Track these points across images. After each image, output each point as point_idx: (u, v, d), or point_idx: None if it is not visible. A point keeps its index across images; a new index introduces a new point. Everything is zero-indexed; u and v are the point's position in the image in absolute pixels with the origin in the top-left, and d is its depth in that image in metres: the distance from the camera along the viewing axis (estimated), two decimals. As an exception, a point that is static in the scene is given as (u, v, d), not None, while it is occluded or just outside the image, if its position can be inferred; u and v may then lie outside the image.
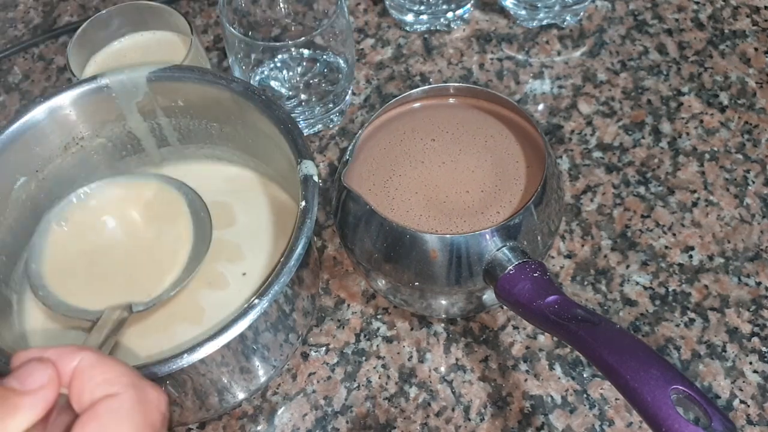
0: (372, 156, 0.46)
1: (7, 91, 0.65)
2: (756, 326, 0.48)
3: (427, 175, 0.45)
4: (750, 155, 0.55)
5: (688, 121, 0.57)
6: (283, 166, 0.45)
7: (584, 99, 0.59)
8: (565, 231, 0.53)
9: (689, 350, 0.47)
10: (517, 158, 0.45)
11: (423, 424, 0.46)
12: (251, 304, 0.37)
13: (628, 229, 0.52)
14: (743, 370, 0.46)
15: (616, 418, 0.45)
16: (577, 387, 0.46)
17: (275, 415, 0.47)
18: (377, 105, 0.60)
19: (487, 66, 0.62)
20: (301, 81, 0.57)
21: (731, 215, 0.53)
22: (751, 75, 0.60)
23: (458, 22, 0.64)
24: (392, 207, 0.44)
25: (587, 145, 0.57)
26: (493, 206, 0.43)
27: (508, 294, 0.39)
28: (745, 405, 0.45)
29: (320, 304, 0.51)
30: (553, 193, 0.43)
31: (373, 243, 0.43)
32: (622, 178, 0.55)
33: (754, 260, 0.50)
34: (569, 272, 0.51)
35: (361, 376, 0.48)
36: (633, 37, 0.63)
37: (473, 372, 0.48)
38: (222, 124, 0.49)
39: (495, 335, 0.49)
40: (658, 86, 0.60)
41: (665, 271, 0.51)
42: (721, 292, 0.49)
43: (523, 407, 0.46)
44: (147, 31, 0.57)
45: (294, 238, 0.39)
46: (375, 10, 0.66)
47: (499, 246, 0.41)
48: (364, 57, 0.63)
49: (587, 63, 0.61)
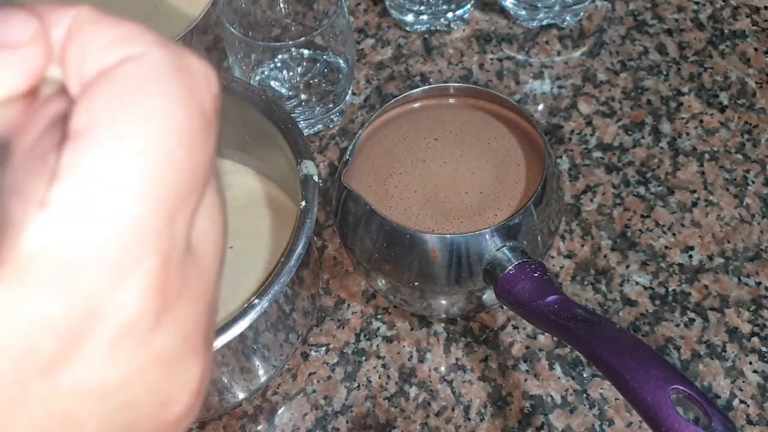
0: (373, 154, 0.46)
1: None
2: (756, 326, 0.48)
3: (427, 175, 0.45)
4: (750, 155, 0.55)
5: (688, 121, 0.57)
6: (283, 166, 0.45)
7: (584, 99, 0.59)
8: (565, 231, 0.53)
9: (689, 350, 0.47)
10: (518, 161, 0.45)
11: (423, 424, 0.46)
12: (251, 303, 0.37)
13: (628, 229, 0.52)
14: (743, 370, 0.46)
15: (616, 418, 0.45)
16: (577, 387, 0.46)
17: (275, 415, 0.47)
18: (377, 105, 0.60)
19: (487, 66, 0.62)
20: (301, 81, 0.57)
21: (731, 215, 0.53)
22: (751, 75, 0.60)
23: (458, 22, 0.64)
24: (390, 205, 0.44)
25: (587, 145, 0.57)
26: (491, 208, 0.43)
27: (508, 294, 0.39)
28: (745, 405, 0.45)
29: (320, 304, 0.51)
30: (553, 193, 0.43)
31: (373, 243, 0.43)
32: (622, 178, 0.55)
33: (754, 260, 0.51)
34: (569, 272, 0.51)
35: (361, 376, 0.48)
36: (633, 37, 0.63)
37: (473, 372, 0.48)
38: (222, 124, 0.49)
39: (495, 335, 0.49)
40: (658, 86, 0.60)
41: (665, 271, 0.51)
42: (721, 292, 0.49)
43: (523, 407, 0.46)
44: (147, 31, 0.57)
45: (294, 238, 0.39)
46: (375, 10, 0.66)
47: (499, 246, 0.41)
48: (364, 57, 0.63)
49: (587, 63, 0.61)
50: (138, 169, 0.15)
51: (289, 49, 0.55)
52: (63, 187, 0.15)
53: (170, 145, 0.16)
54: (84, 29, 0.17)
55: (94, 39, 0.16)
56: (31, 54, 0.16)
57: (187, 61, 0.17)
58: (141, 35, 0.17)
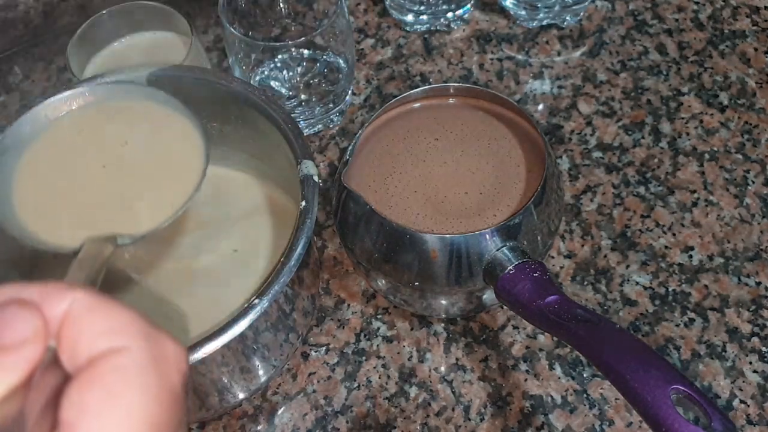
0: (374, 153, 0.46)
1: (8, 91, 0.65)
2: (756, 326, 0.48)
3: (427, 174, 0.45)
4: (750, 155, 0.55)
5: (688, 121, 0.57)
6: (283, 166, 0.45)
7: (584, 99, 0.59)
8: (565, 231, 0.53)
9: (689, 350, 0.47)
10: (518, 162, 0.45)
11: (423, 424, 0.46)
12: (251, 303, 0.37)
13: (628, 229, 0.52)
14: (743, 370, 0.46)
15: (616, 418, 0.45)
16: (577, 387, 0.46)
17: (275, 415, 0.47)
18: (377, 105, 0.60)
19: (487, 66, 0.62)
20: (301, 81, 0.57)
21: (731, 215, 0.53)
22: (751, 75, 0.60)
23: (458, 22, 0.64)
24: (390, 204, 0.44)
25: (587, 145, 0.57)
26: (490, 209, 0.43)
27: (508, 294, 0.39)
28: (745, 405, 0.45)
29: (320, 304, 0.51)
30: (553, 193, 0.43)
31: (373, 243, 0.43)
32: (622, 178, 0.55)
33: (754, 260, 0.51)
34: (569, 272, 0.51)
35: (361, 375, 0.48)
36: (633, 37, 0.63)
37: (473, 372, 0.48)
38: (222, 124, 0.49)
39: (495, 335, 0.49)
40: (658, 86, 0.60)
41: (665, 271, 0.51)
42: (721, 292, 0.49)
43: (523, 407, 0.46)
44: (147, 31, 0.57)
45: (294, 238, 0.39)
46: (375, 10, 0.66)
47: (499, 246, 0.41)
48: (364, 57, 0.63)
49: (587, 63, 0.61)
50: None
51: (289, 49, 0.55)
52: None
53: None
54: (79, 318, 0.20)
55: (88, 326, 0.20)
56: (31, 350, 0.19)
57: (163, 349, 0.21)
58: (128, 327, 0.20)
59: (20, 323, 0.19)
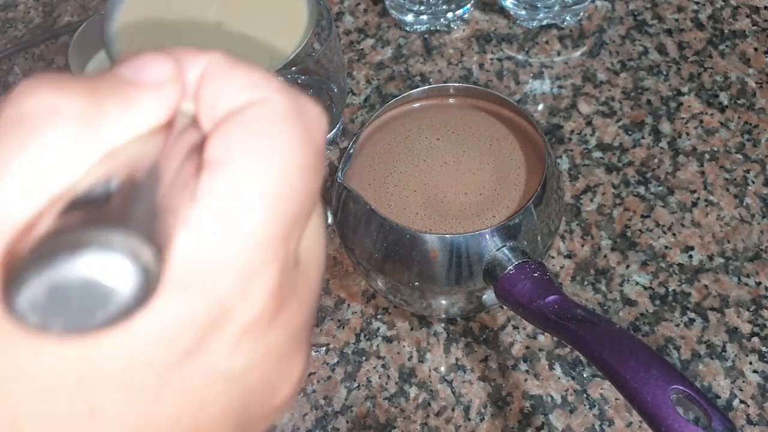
0: (374, 153, 0.46)
1: (8, 91, 0.65)
2: (756, 326, 0.48)
3: (427, 174, 0.45)
4: (750, 155, 0.55)
5: (688, 121, 0.57)
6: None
7: (584, 99, 0.59)
8: (565, 231, 0.53)
9: (689, 350, 0.47)
10: (519, 164, 0.45)
11: (423, 424, 0.46)
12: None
13: (628, 229, 0.52)
14: (743, 370, 0.46)
15: (616, 418, 0.45)
16: (577, 387, 0.46)
17: (275, 415, 0.47)
18: (377, 105, 0.60)
19: (487, 66, 0.62)
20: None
21: (731, 215, 0.53)
22: (751, 75, 0.60)
23: (458, 22, 0.64)
24: (389, 204, 0.44)
25: (587, 145, 0.57)
26: (489, 210, 0.43)
27: (508, 294, 0.39)
28: (745, 405, 0.45)
29: (320, 304, 0.51)
30: (553, 193, 0.43)
31: (373, 243, 0.43)
32: (622, 178, 0.55)
33: (754, 260, 0.51)
34: (569, 272, 0.51)
35: (361, 376, 0.48)
36: (633, 37, 0.63)
37: (473, 372, 0.48)
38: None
39: (495, 335, 0.49)
40: (658, 86, 0.60)
41: (665, 271, 0.51)
42: (721, 292, 0.49)
43: (523, 407, 0.46)
44: (147, 31, 0.57)
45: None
46: (375, 10, 0.66)
47: (499, 246, 0.41)
48: (364, 57, 0.63)
49: (587, 63, 0.61)
50: (263, 197, 0.18)
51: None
52: (201, 209, 0.17)
53: (290, 177, 0.18)
54: (218, 73, 0.19)
55: (226, 83, 0.19)
56: (170, 92, 0.19)
57: (304, 105, 0.20)
58: (267, 82, 0.19)
59: (156, 67, 0.19)
